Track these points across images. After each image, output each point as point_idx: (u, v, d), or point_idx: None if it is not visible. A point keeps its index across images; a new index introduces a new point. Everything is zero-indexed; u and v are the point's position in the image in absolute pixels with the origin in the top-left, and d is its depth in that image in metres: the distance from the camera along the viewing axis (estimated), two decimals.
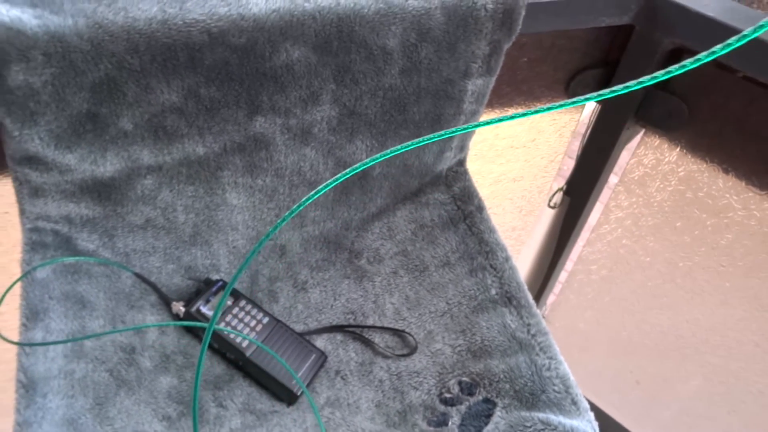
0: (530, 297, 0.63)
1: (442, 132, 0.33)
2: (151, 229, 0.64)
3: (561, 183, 1.05)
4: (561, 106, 0.31)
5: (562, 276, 1.30)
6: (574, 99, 0.31)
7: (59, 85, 0.48)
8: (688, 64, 0.29)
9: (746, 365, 1.00)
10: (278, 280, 0.69)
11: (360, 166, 0.34)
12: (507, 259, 0.67)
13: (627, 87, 0.30)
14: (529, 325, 0.60)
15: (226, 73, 0.54)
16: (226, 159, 0.62)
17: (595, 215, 1.09)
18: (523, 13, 0.61)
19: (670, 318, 1.07)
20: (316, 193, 0.33)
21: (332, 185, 0.33)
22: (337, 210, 0.72)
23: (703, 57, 0.28)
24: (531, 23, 0.65)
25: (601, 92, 0.31)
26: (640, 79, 0.30)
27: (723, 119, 0.76)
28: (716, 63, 0.72)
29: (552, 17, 0.68)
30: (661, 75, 0.29)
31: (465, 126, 0.33)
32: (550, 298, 1.38)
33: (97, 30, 0.47)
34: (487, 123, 0.36)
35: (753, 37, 0.27)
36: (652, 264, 1.03)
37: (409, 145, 0.36)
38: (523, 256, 1.28)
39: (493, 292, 0.65)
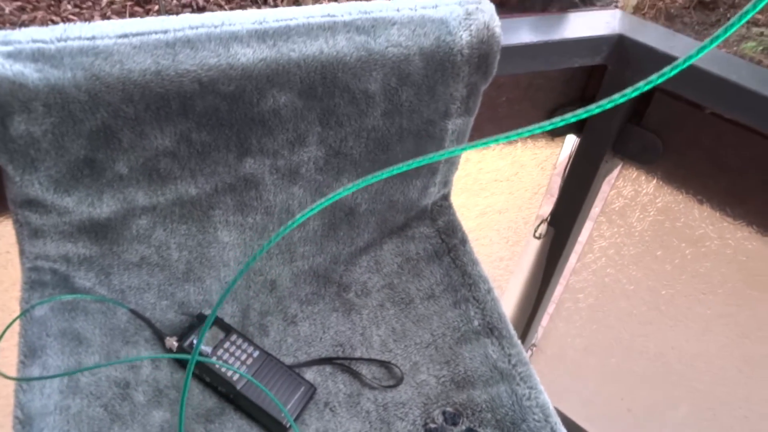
0: (511, 328, 0.65)
1: (419, 159, 0.36)
2: (146, 267, 0.66)
3: (545, 214, 1.08)
4: (514, 134, 0.34)
5: (551, 305, 1.33)
6: (531, 127, 0.33)
7: (58, 134, 0.51)
8: (629, 92, 0.31)
9: (731, 390, 1.02)
10: (269, 314, 0.72)
11: (335, 196, 0.36)
12: (489, 290, 0.70)
13: (575, 115, 0.32)
14: (510, 355, 0.62)
15: (217, 118, 0.57)
16: (217, 199, 0.65)
17: (579, 245, 1.12)
18: (498, 57, 0.64)
19: (656, 345, 1.10)
20: (289, 226, 0.36)
21: (306, 217, 0.35)
22: (326, 245, 0.75)
23: (642, 86, 0.30)
24: (507, 66, 0.69)
25: (552, 121, 0.34)
26: (587, 107, 0.32)
27: (695, 153, 0.79)
28: (686, 100, 0.75)
29: (527, 60, 0.71)
30: (605, 103, 0.32)
31: (443, 152, 0.36)
32: (540, 327, 1.40)
33: (94, 82, 0.50)
34: (462, 149, 0.39)
35: (685, 66, 0.28)
36: (636, 292, 1.05)
37: (387, 173, 0.38)
38: (511, 285, 1.30)
39: (476, 323, 0.67)
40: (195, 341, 0.63)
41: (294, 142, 0.63)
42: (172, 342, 0.62)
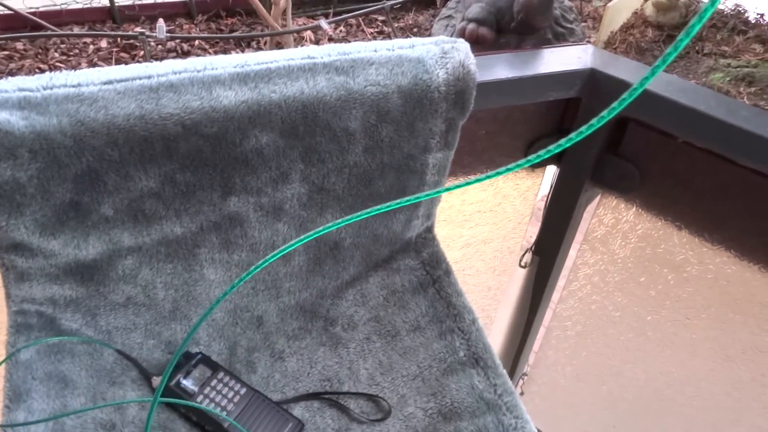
0: (496, 357, 0.66)
1: (405, 199, 0.37)
2: (132, 307, 0.67)
3: (530, 243, 1.09)
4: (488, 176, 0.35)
5: (540, 332, 1.33)
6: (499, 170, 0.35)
7: (44, 179, 0.52)
8: (595, 123, 0.31)
9: (721, 415, 1.02)
10: (256, 350, 0.72)
11: (315, 233, 0.37)
12: (474, 321, 0.71)
13: (537, 157, 0.33)
14: (495, 385, 0.63)
15: (200, 159, 0.58)
16: (202, 237, 0.65)
17: (564, 273, 1.13)
18: (474, 93, 0.67)
19: (645, 371, 1.10)
20: (263, 262, 0.37)
21: (282, 253, 0.36)
22: (312, 280, 0.76)
23: (606, 114, 0.31)
24: (484, 101, 0.71)
25: (527, 159, 0.35)
26: (547, 149, 0.33)
27: (671, 181, 0.81)
28: (659, 130, 0.77)
29: (503, 95, 0.74)
30: (564, 143, 0.33)
31: (426, 193, 0.37)
32: (531, 356, 1.40)
33: (79, 127, 0.51)
34: (445, 190, 0.40)
35: (641, 89, 0.29)
36: (623, 318, 1.06)
37: (371, 212, 0.40)
38: (500, 314, 1.31)
39: (462, 354, 0.67)
40: (182, 380, 0.63)
41: (277, 179, 0.64)
42: (159, 381, 0.62)
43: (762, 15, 1.16)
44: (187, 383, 0.63)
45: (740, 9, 1.17)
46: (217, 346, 0.71)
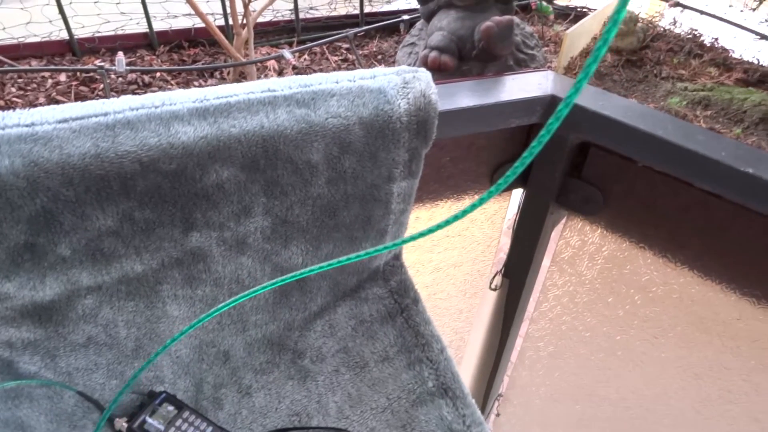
0: (465, 387, 0.65)
1: (365, 252, 0.37)
2: (94, 347, 0.65)
3: (500, 266, 1.10)
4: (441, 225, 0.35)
5: (514, 353, 1.33)
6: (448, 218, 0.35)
7: None
8: (535, 146, 0.31)
9: None
10: (223, 386, 0.71)
11: (284, 280, 0.37)
12: (442, 350, 0.70)
13: (481, 200, 0.34)
14: (464, 416, 0.63)
15: (159, 196, 0.57)
16: (164, 274, 0.64)
17: (535, 294, 1.14)
18: (436, 122, 0.67)
19: (617, 390, 1.11)
20: (221, 307, 0.36)
21: (245, 298, 0.36)
22: (279, 312, 0.75)
23: (544, 134, 0.30)
24: (447, 129, 0.71)
25: (472, 203, 0.35)
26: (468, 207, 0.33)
27: (633, 203, 0.82)
28: (619, 155, 0.79)
29: (466, 123, 0.74)
30: (499, 185, 0.33)
31: (393, 243, 0.37)
32: (506, 377, 1.40)
33: (33, 168, 0.50)
34: (408, 240, 0.40)
35: (569, 105, 0.28)
36: (593, 338, 1.07)
37: (344, 261, 0.39)
38: (473, 337, 1.31)
39: (430, 384, 0.67)
40: (147, 419, 0.62)
41: (239, 213, 0.64)
42: (122, 423, 0.61)
43: (716, 39, 1.19)
44: (152, 423, 0.62)
45: (696, 33, 1.20)
46: (183, 383, 0.69)
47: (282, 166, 0.62)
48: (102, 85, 1.01)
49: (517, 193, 1.00)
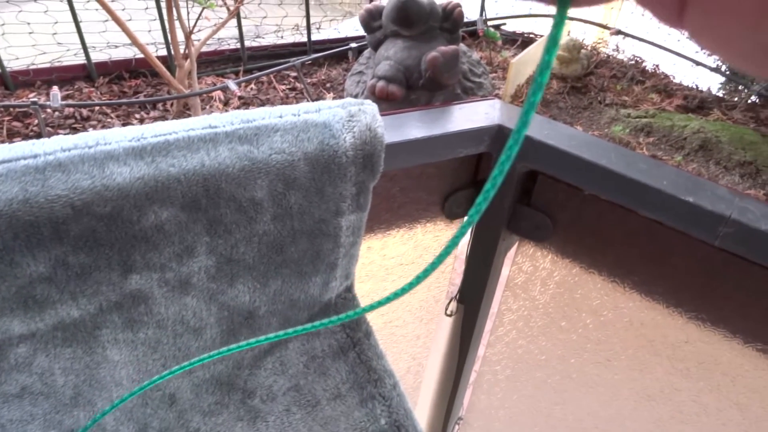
0: (418, 424, 0.64)
1: (322, 321, 0.36)
2: (29, 397, 0.62)
3: (455, 292, 1.09)
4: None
5: (472, 377, 1.33)
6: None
7: None
8: (489, 189, 0.28)
9: None
10: (169, 430, 0.68)
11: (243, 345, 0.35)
12: (395, 385, 0.69)
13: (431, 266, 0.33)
14: None
15: (95, 239, 0.55)
16: (103, 318, 0.62)
17: (491, 319, 1.14)
18: (383, 155, 0.66)
19: (573, 412, 1.11)
20: (169, 373, 0.34)
21: (192, 366, 0.34)
22: None
23: (497, 175, 0.27)
24: (395, 160, 0.71)
25: (417, 277, 0.35)
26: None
27: (581, 230, 0.83)
28: (566, 183, 0.79)
29: (414, 154, 0.74)
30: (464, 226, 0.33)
31: (346, 314, 0.35)
32: (465, 400, 1.40)
33: None
34: (364, 309, 0.39)
35: (519, 139, 0.25)
36: (548, 361, 1.07)
37: (298, 331, 0.38)
38: (431, 361, 1.30)
39: (383, 422, 0.66)
40: None
41: (182, 254, 0.62)
42: None
43: (657, 66, 1.22)
44: None
45: (638, 59, 1.23)
46: (126, 430, 0.66)
47: (225, 204, 0.61)
48: (36, 120, 0.97)
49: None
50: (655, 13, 0.21)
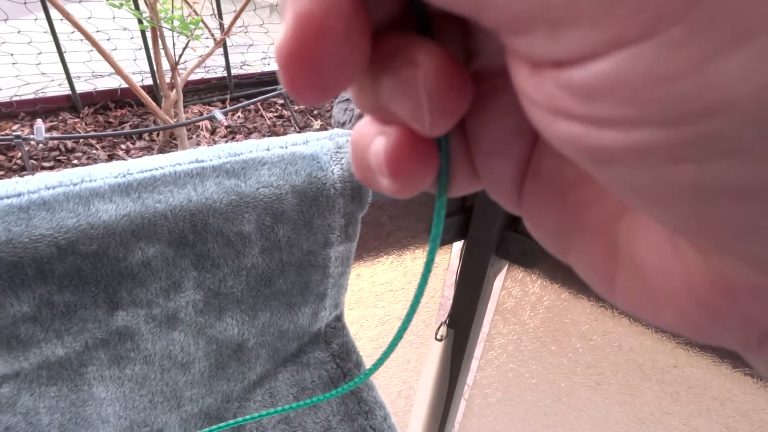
0: None
1: (317, 397, 0.35)
2: None
3: (445, 316, 1.09)
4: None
5: (463, 401, 1.32)
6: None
7: None
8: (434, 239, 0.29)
9: None
10: None
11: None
12: (386, 417, 0.69)
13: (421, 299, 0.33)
14: None
15: (80, 278, 0.55)
16: (89, 355, 0.61)
17: (481, 343, 1.14)
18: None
19: None
20: None
21: None
22: (215, 384, 0.72)
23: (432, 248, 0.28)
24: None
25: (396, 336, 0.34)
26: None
27: None
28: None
29: None
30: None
31: (327, 394, 0.34)
32: (456, 423, 1.39)
33: None
34: (352, 385, 0.38)
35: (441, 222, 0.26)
36: (539, 385, 1.07)
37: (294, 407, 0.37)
38: (422, 384, 1.29)
39: None
40: None
41: (169, 289, 0.61)
42: None
43: None
44: None
45: None
46: None
47: (212, 239, 0.60)
48: (20, 153, 0.96)
49: (458, 246, 1.00)
50: (501, 203, 0.24)
